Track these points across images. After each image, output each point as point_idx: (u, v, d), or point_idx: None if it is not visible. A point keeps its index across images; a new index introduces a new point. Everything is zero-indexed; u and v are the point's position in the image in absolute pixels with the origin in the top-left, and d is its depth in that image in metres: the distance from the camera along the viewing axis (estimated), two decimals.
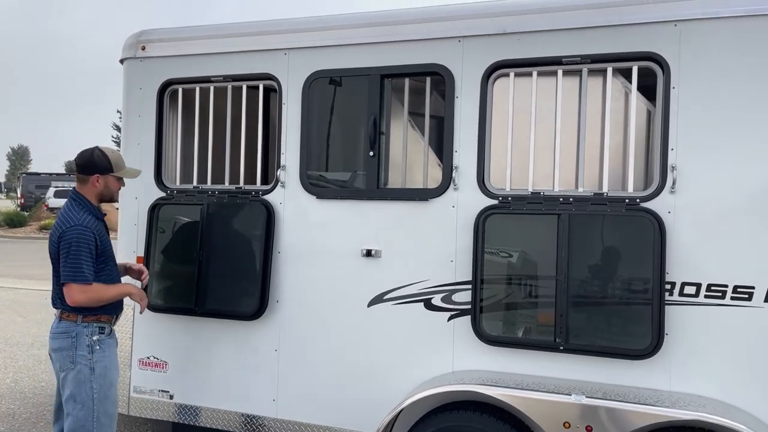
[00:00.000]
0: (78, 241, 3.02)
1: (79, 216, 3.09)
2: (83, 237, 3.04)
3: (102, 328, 3.14)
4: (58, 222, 3.11)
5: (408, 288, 3.43)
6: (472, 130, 3.33)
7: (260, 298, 3.61)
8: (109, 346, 3.17)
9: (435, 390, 3.08)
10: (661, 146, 3.01)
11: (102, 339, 3.13)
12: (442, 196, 3.37)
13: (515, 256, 3.24)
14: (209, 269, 3.74)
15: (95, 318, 3.12)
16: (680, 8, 2.99)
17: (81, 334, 3.08)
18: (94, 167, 3.18)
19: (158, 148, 3.97)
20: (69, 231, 3.03)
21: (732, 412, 2.81)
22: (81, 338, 3.07)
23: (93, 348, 3.08)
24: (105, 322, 3.16)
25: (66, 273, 3.01)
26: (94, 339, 3.10)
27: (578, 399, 2.85)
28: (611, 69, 3.14)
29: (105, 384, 3.10)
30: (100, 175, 3.18)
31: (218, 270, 3.74)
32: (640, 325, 2.98)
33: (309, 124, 3.63)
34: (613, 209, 3.05)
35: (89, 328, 3.09)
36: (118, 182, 3.28)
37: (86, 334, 3.08)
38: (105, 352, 3.13)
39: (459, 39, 3.35)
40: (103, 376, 3.09)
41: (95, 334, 3.11)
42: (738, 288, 2.90)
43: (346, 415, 3.53)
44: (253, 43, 3.76)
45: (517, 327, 3.21)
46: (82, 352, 3.06)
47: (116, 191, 3.33)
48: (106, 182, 3.20)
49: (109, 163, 3.20)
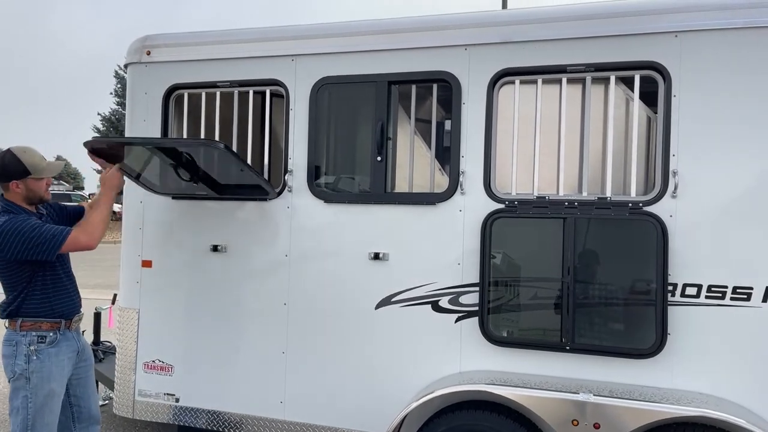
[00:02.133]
0: (15, 229, 2.92)
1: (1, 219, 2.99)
2: (20, 219, 2.96)
3: (42, 336, 3.07)
4: None
5: (415, 290, 3.49)
6: (478, 135, 3.41)
7: None
8: (48, 356, 3.07)
9: (446, 390, 3.14)
10: (662, 152, 3.12)
11: (41, 349, 3.06)
12: (450, 201, 3.45)
13: (521, 259, 3.33)
14: None
15: (34, 326, 3.06)
16: (681, 20, 3.11)
17: (20, 343, 3.05)
18: (8, 174, 3.06)
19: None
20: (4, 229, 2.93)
21: (733, 408, 2.92)
22: (20, 347, 3.04)
23: (30, 358, 3.03)
24: (46, 330, 3.09)
25: (47, 247, 2.94)
26: (31, 348, 3.04)
27: (586, 397, 2.94)
28: (614, 77, 3.24)
29: (40, 395, 3.04)
30: (18, 181, 3.07)
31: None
32: (643, 325, 3.09)
33: (316, 130, 3.69)
34: (617, 213, 3.15)
35: (27, 338, 3.05)
36: (40, 182, 3.14)
37: (24, 343, 3.04)
38: (44, 363, 3.05)
39: (465, 47, 3.43)
40: (38, 387, 3.04)
41: (33, 343, 3.05)
42: (737, 289, 3.01)
43: (353, 417, 3.58)
44: (261, 49, 3.80)
45: (524, 328, 3.29)
46: (19, 361, 3.03)
47: (43, 191, 3.17)
48: (26, 186, 3.09)
49: (23, 166, 3.06)
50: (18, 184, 3.07)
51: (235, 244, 3.83)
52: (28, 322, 3.06)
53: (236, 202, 3.84)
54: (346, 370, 3.61)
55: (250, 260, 3.80)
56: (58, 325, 3.14)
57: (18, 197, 3.11)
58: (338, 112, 3.76)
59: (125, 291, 4.07)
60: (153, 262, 3.98)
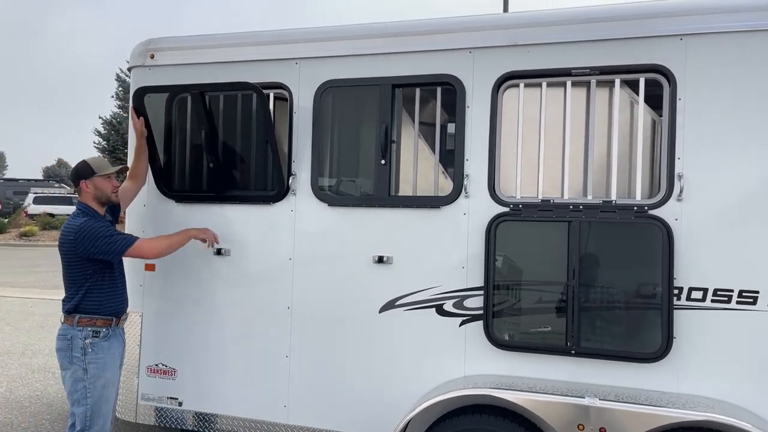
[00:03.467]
0: (93, 229, 3.27)
1: (80, 219, 3.35)
2: (95, 224, 3.31)
3: (96, 331, 3.34)
4: (65, 229, 3.34)
5: (420, 294, 3.48)
6: (482, 138, 3.40)
7: None
8: (102, 349, 3.34)
9: (451, 394, 3.13)
10: (668, 155, 3.12)
11: (95, 342, 3.33)
12: (454, 204, 3.44)
13: (526, 262, 3.32)
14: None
15: (90, 322, 3.34)
16: (686, 23, 3.11)
17: (75, 337, 3.31)
18: (79, 175, 3.47)
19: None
20: (82, 232, 3.26)
21: (739, 412, 2.90)
22: (75, 341, 3.31)
23: (86, 350, 3.31)
24: (100, 326, 3.36)
25: (114, 249, 3.29)
26: (87, 342, 3.31)
27: (592, 402, 2.92)
28: (619, 80, 3.24)
29: (98, 384, 3.32)
30: (86, 180, 3.43)
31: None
32: (649, 329, 3.08)
33: (320, 133, 3.68)
34: (622, 216, 3.14)
35: (83, 332, 3.32)
36: (106, 181, 3.48)
37: (80, 337, 3.31)
38: (98, 355, 3.32)
39: (470, 50, 3.43)
40: (96, 377, 3.31)
41: (88, 337, 3.32)
42: (743, 293, 3.00)
43: (357, 421, 3.57)
44: (264, 53, 3.81)
45: (529, 331, 3.28)
46: (76, 353, 3.30)
47: (109, 189, 3.50)
48: (94, 185, 3.45)
49: (89, 167, 3.46)
50: (87, 183, 3.44)
51: (238, 247, 3.83)
52: (85, 319, 3.33)
53: (240, 205, 3.83)
54: (350, 374, 3.59)
55: (254, 264, 3.80)
56: (110, 322, 3.40)
57: (89, 197, 3.45)
58: (342, 115, 3.76)
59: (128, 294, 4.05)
60: (156, 266, 3.98)
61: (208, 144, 3.80)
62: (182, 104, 3.95)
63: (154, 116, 3.87)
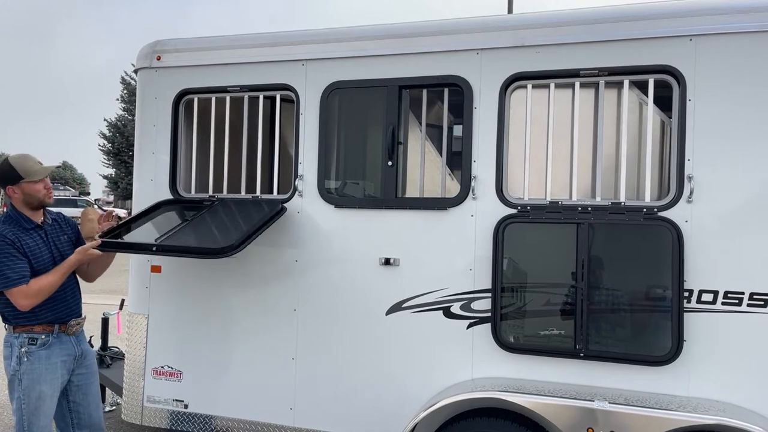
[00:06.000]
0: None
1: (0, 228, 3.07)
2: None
3: (33, 339, 3.10)
4: None
5: (427, 296, 3.46)
6: (490, 140, 3.38)
7: None
8: (38, 359, 3.09)
9: (458, 397, 3.11)
10: (677, 157, 3.09)
11: (32, 351, 3.08)
12: (461, 206, 3.42)
13: (534, 265, 3.30)
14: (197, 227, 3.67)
15: (26, 329, 3.10)
16: (695, 23, 3.08)
17: (14, 345, 3.11)
18: (3, 180, 3.15)
19: (173, 157, 3.98)
20: None
21: (751, 416, 2.88)
22: (13, 349, 3.10)
23: (21, 359, 3.07)
24: (38, 332, 3.11)
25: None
26: (22, 350, 3.08)
27: (601, 405, 2.90)
28: (627, 81, 3.21)
29: (32, 396, 3.07)
30: (13, 186, 3.13)
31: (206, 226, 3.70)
32: (659, 332, 3.05)
33: (327, 134, 3.67)
34: (632, 218, 3.12)
35: (19, 339, 3.10)
36: (36, 185, 3.16)
37: (17, 345, 3.10)
38: (33, 365, 3.07)
39: (477, 51, 3.41)
40: (29, 389, 3.06)
41: (24, 345, 3.09)
42: (754, 295, 2.97)
43: (364, 424, 3.55)
44: (271, 54, 3.80)
45: (537, 334, 3.26)
46: (13, 363, 3.09)
47: (42, 195, 3.18)
48: (21, 190, 3.14)
49: (15, 171, 3.12)
50: (14, 189, 3.14)
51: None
52: (21, 326, 3.11)
53: None
54: (357, 377, 3.57)
55: (260, 265, 3.78)
56: (51, 328, 3.15)
57: (18, 202, 3.17)
58: (349, 116, 3.74)
59: (134, 296, 4.05)
60: (162, 268, 3.97)
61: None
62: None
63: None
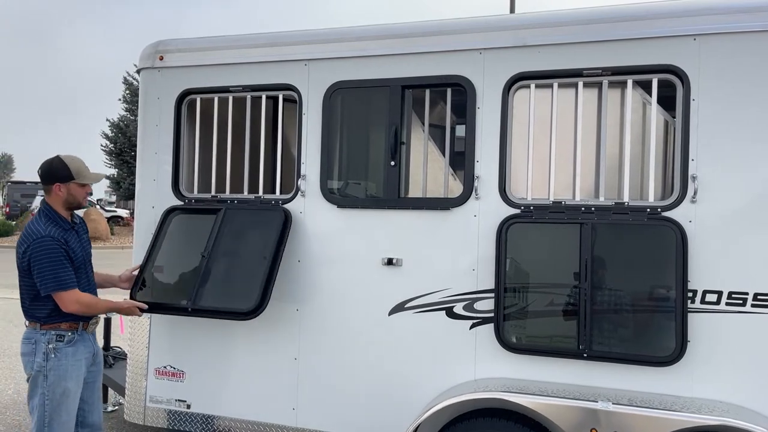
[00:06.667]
0: (48, 251, 3.07)
1: (44, 228, 3.13)
2: (51, 247, 3.09)
3: (60, 335, 3.17)
4: (24, 235, 3.15)
5: (429, 296, 3.46)
6: (493, 139, 3.38)
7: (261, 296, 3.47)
8: (65, 355, 3.16)
9: (461, 397, 3.10)
10: (681, 156, 3.08)
11: (59, 347, 3.15)
12: (464, 206, 3.41)
13: (537, 265, 3.29)
14: (215, 269, 3.68)
15: (54, 326, 3.17)
16: (699, 23, 3.08)
17: (39, 342, 3.14)
18: (54, 176, 3.22)
19: (176, 157, 3.98)
20: (34, 244, 3.08)
21: (754, 417, 2.87)
22: (39, 345, 3.14)
23: (48, 356, 3.12)
24: (65, 330, 3.19)
25: (48, 284, 3.07)
26: (50, 347, 3.13)
27: (605, 406, 2.89)
28: (631, 81, 3.21)
29: (57, 392, 3.13)
30: (61, 184, 3.21)
31: (225, 270, 3.71)
32: (662, 332, 3.04)
33: (329, 134, 3.66)
34: (635, 218, 3.11)
35: (47, 336, 3.14)
36: (81, 188, 3.28)
37: (44, 341, 3.14)
38: (60, 361, 3.14)
39: (480, 51, 3.41)
40: (55, 384, 3.12)
41: (52, 342, 3.14)
42: (758, 296, 2.96)
43: (367, 424, 3.54)
44: (273, 54, 3.79)
45: (540, 334, 3.25)
46: (38, 359, 3.12)
47: (82, 198, 3.30)
48: (68, 190, 3.22)
49: (68, 170, 3.22)
50: (61, 187, 3.21)
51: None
52: (49, 324, 3.16)
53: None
54: (359, 377, 3.57)
55: None
56: (76, 326, 3.22)
57: (58, 201, 3.23)
58: (351, 116, 3.74)
59: None
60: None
61: None
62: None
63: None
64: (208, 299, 3.57)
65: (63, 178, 3.21)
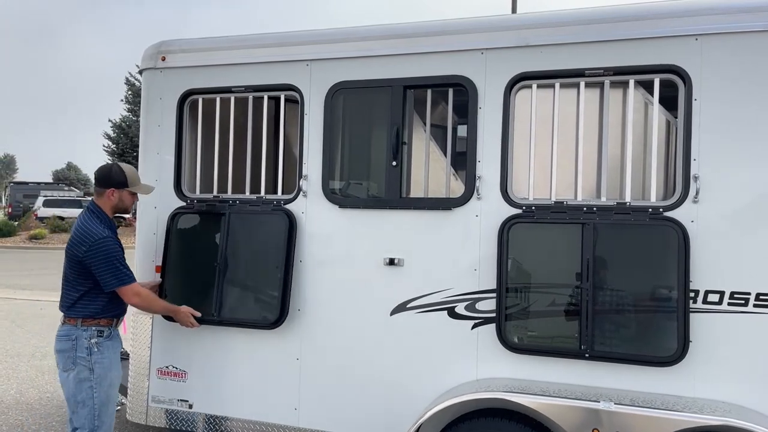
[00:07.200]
0: (109, 250, 3.27)
1: (101, 229, 3.31)
2: (112, 246, 3.30)
3: (101, 331, 3.34)
4: (81, 235, 3.28)
5: (431, 296, 3.46)
6: (494, 140, 3.38)
7: (280, 308, 3.62)
8: (107, 349, 3.35)
9: (463, 397, 3.10)
10: (683, 156, 3.08)
11: (100, 342, 3.33)
12: (466, 206, 3.41)
13: (539, 265, 3.29)
14: (229, 278, 3.75)
15: (94, 322, 3.33)
16: (701, 23, 3.07)
17: (80, 337, 3.29)
18: (110, 181, 3.42)
19: (178, 157, 3.99)
20: (97, 244, 3.25)
21: (756, 417, 2.86)
22: (80, 341, 3.29)
23: (91, 350, 3.29)
24: (104, 326, 3.36)
25: (111, 281, 3.27)
26: (92, 342, 3.30)
27: (607, 406, 2.89)
28: (633, 81, 3.20)
29: (104, 384, 3.32)
30: (116, 190, 3.42)
31: (238, 278, 3.76)
32: (664, 332, 3.04)
33: (331, 135, 3.67)
34: (637, 218, 3.11)
35: (88, 332, 3.30)
36: (131, 196, 3.53)
37: (85, 337, 3.30)
38: (103, 354, 3.33)
39: (482, 51, 3.41)
40: (102, 377, 3.31)
41: (93, 337, 3.31)
42: (761, 295, 2.96)
43: (369, 424, 3.54)
44: (275, 54, 3.80)
45: (542, 335, 3.25)
46: (81, 354, 3.28)
47: (130, 205, 3.55)
48: (120, 196, 3.45)
49: (124, 178, 3.44)
50: (114, 192, 3.43)
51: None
52: (90, 319, 3.32)
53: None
54: (361, 377, 3.57)
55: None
56: (111, 322, 3.41)
57: (108, 204, 3.44)
58: (353, 117, 3.74)
59: None
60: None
61: None
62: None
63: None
64: (232, 310, 3.74)
65: (118, 184, 3.43)
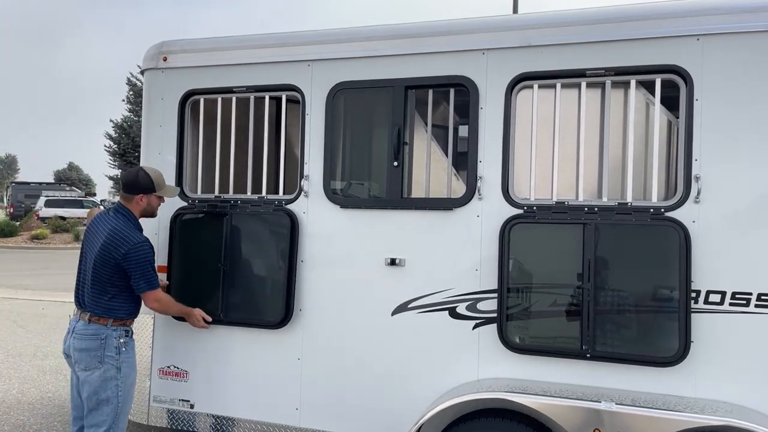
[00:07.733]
0: (146, 255, 3.35)
1: (137, 233, 3.40)
2: (148, 250, 3.38)
3: (127, 331, 3.43)
4: (119, 238, 3.30)
5: (432, 297, 3.46)
6: (496, 140, 3.38)
7: (285, 308, 3.63)
8: (131, 348, 3.45)
9: (464, 397, 3.10)
10: (684, 157, 3.08)
11: (127, 341, 3.41)
12: (467, 206, 3.42)
13: (540, 265, 3.29)
14: (234, 278, 3.76)
15: (122, 322, 3.41)
16: (702, 23, 3.07)
17: (110, 337, 3.34)
18: (138, 187, 3.47)
19: (179, 158, 3.99)
20: (135, 248, 3.30)
21: (758, 417, 2.86)
22: (110, 340, 3.33)
23: (120, 349, 3.36)
24: (129, 326, 3.46)
25: (142, 285, 3.36)
26: (121, 341, 3.37)
27: (608, 406, 2.89)
28: (634, 81, 3.20)
29: (128, 382, 3.41)
30: (144, 195, 3.47)
31: (242, 279, 3.76)
32: (666, 332, 3.04)
33: (332, 135, 3.67)
34: (638, 218, 3.11)
35: (117, 332, 3.37)
36: (158, 200, 3.60)
37: (115, 336, 3.35)
38: (129, 353, 3.42)
39: (483, 51, 3.41)
40: (126, 375, 3.39)
41: (122, 336, 3.38)
42: (762, 296, 2.96)
43: (370, 424, 3.54)
44: (277, 55, 3.80)
45: (544, 335, 3.25)
46: (110, 353, 3.32)
47: (157, 207, 3.62)
48: (149, 201, 3.52)
49: (151, 182, 3.49)
50: (143, 197, 3.48)
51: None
52: (119, 320, 3.38)
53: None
54: (363, 377, 3.57)
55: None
56: (132, 322, 3.51)
57: (137, 209, 3.50)
58: (354, 117, 3.74)
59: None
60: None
61: None
62: None
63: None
64: (238, 311, 3.77)
65: (146, 189, 3.47)
